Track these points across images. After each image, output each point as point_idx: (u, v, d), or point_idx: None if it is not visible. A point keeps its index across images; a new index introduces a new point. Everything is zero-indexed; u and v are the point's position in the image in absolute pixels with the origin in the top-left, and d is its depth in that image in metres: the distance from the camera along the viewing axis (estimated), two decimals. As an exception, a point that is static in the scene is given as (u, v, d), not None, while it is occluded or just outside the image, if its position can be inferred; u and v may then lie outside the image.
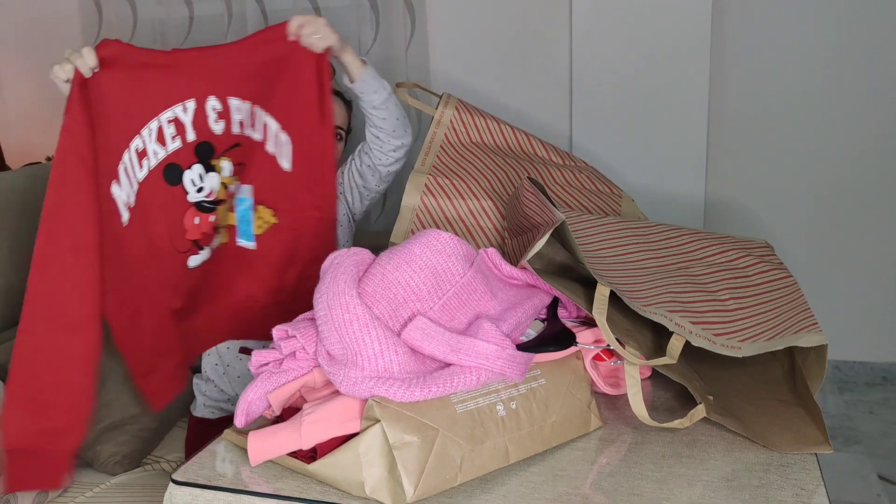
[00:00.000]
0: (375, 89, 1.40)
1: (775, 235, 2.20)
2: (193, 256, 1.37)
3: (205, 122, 1.32)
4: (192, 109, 1.30)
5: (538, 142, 1.58)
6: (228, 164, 1.36)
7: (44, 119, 2.50)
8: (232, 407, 1.53)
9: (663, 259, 1.21)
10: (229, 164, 1.36)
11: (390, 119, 1.43)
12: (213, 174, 1.35)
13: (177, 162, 1.32)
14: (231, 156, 1.36)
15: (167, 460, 1.59)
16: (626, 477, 0.90)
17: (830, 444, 0.95)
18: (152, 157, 1.30)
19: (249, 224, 1.37)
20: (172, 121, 1.30)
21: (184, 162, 1.33)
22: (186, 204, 1.34)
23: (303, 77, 1.32)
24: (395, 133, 1.44)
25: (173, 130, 1.30)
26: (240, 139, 1.36)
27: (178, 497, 0.91)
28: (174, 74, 1.28)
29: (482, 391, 0.91)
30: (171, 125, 1.30)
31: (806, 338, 1.04)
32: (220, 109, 1.32)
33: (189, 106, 1.30)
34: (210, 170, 1.35)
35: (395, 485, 0.84)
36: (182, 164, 1.33)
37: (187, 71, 1.29)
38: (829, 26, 2.11)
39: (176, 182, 1.33)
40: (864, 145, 2.17)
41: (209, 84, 1.31)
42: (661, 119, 2.08)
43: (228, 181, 1.37)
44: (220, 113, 1.33)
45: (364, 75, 1.38)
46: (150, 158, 1.29)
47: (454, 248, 0.98)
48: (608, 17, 2.05)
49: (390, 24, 2.18)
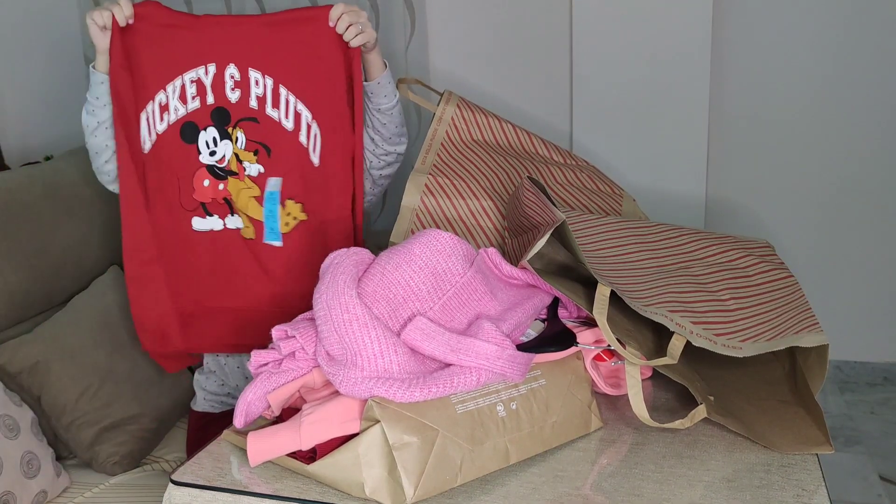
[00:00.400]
0: (387, 93, 1.40)
1: (776, 235, 2.20)
2: (199, 218, 1.39)
3: (222, 89, 1.36)
4: (212, 73, 1.35)
5: (539, 140, 1.57)
6: (242, 135, 1.37)
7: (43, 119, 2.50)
8: (233, 401, 1.53)
9: (664, 259, 1.21)
10: (242, 135, 1.37)
11: (391, 126, 1.43)
12: (227, 142, 1.37)
13: (194, 121, 1.37)
14: (244, 128, 1.37)
15: (166, 460, 1.58)
16: (627, 477, 0.90)
17: (831, 444, 0.95)
18: (172, 113, 1.36)
19: (276, 221, 1.38)
20: (195, 81, 1.35)
21: (200, 122, 1.37)
22: (198, 164, 1.37)
23: (337, 68, 1.34)
24: (391, 140, 1.45)
25: (194, 91, 1.36)
26: (257, 115, 1.37)
27: (178, 497, 0.91)
28: (201, 37, 1.34)
29: (482, 391, 0.91)
30: (192, 85, 1.35)
31: (807, 338, 1.04)
32: (237, 79, 1.35)
33: (210, 69, 1.35)
34: (225, 136, 1.37)
35: (394, 485, 0.83)
36: (199, 124, 1.37)
37: (213, 35, 1.35)
38: (830, 26, 2.11)
39: (191, 140, 1.37)
40: (864, 145, 2.17)
41: (231, 51, 1.35)
42: (661, 118, 2.08)
43: (242, 155, 1.38)
44: (238, 82, 1.35)
45: (382, 77, 1.39)
46: (170, 113, 1.36)
47: (454, 247, 0.98)
48: (609, 16, 2.05)
49: (390, 23, 2.18)
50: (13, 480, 1.29)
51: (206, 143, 1.37)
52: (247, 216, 1.39)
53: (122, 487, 1.46)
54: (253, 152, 1.38)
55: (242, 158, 1.38)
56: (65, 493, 1.42)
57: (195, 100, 1.36)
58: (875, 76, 2.12)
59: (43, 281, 1.58)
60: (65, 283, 1.65)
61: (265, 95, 1.36)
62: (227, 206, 1.39)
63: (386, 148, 1.45)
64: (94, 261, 1.71)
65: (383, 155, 1.46)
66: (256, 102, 1.36)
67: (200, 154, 1.37)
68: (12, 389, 1.45)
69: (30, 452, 1.35)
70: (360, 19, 1.31)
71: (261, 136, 1.38)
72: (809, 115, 2.17)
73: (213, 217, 1.39)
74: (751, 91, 2.19)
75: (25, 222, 1.56)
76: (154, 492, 1.43)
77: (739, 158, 2.24)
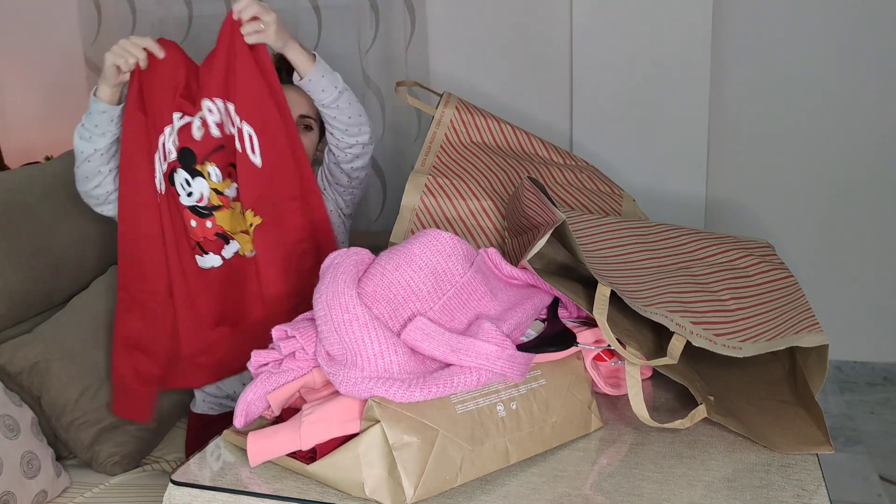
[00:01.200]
0: (323, 87, 1.36)
1: (776, 235, 2.20)
2: (199, 257, 1.39)
3: (188, 130, 1.34)
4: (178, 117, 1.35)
5: (539, 141, 1.57)
6: (215, 170, 1.36)
7: (43, 119, 2.50)
8: (231, 403, 1.53)
9: (664, 259, 1.21)
10: (215, 169, 1.36)
11: (341, 118, 1.39)
12: (200, 179, 1.36)
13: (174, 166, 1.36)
14: (216, 160, 1.36)
15: (166, 460, 1.58)
16: (627, 478, 0.90)
17: (831, 444, 0.95)
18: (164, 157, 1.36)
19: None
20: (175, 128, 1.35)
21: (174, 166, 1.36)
22: (181, 205, 1.37)
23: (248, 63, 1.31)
24: (347, 132, 1.41)
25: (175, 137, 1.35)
26: (222, 141, 1.36)
27: (178, 497, 0.91)
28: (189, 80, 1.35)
29: (482, 391, 0.91)
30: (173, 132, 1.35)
31: (807, 338, 1.04)
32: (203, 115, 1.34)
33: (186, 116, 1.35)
34: (196, 175, 1.36)
35: (394, 485, 0.83)
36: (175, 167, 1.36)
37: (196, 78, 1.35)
38: (830, 27, 2.11)
39: (172, 183, 1.37)
40: (864, 145, 2.17)
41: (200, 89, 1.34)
42: (661, 119, 2.08)
43: (221, 186, 1.37)
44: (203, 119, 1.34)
45: (311, 73, 1.35)
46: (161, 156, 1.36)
47: (454, 247, 0.98)
48: (609, 16, 2.05)
49: (390, 24, 2.18)
50: (13, 480, 1.29)
51: (181, 185, 1.36)
52: (243, 233, 1.38)
53: (122, 487, 1.46)
54: (228, 176, 1.37)
55: (222, 189, 1.37)
56: (65, 493, 1.42)
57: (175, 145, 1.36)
58: (875, 76, 2.12)
59: (43, 281, 1.58)
60: (65, 283, 1.65)
61: (222, 119, 1.34)
62: (221, 240, 1.39)
63: (347, 140, 1.43)
64: (94, 261, 1.71)
65: (347, 148, 1.44)
66: (217, 129, 1.35)
67: (180, 196, 1.37)
68: (12, 389, 1.45)
69: (30, 452, 1.35)
70: (265, 17, 1.28)
71: (229, 158, 1.36)
72: (809, 115, 2.18)
73: (209, 255, 1.39)
74: (751, 92, 2.19)
75: (25, 222, 1.56)
76: (154, 492, 1.43)
77: (739, 158, 2.24)
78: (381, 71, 2.20)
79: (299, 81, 1.37)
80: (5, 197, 1.56)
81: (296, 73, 1.37)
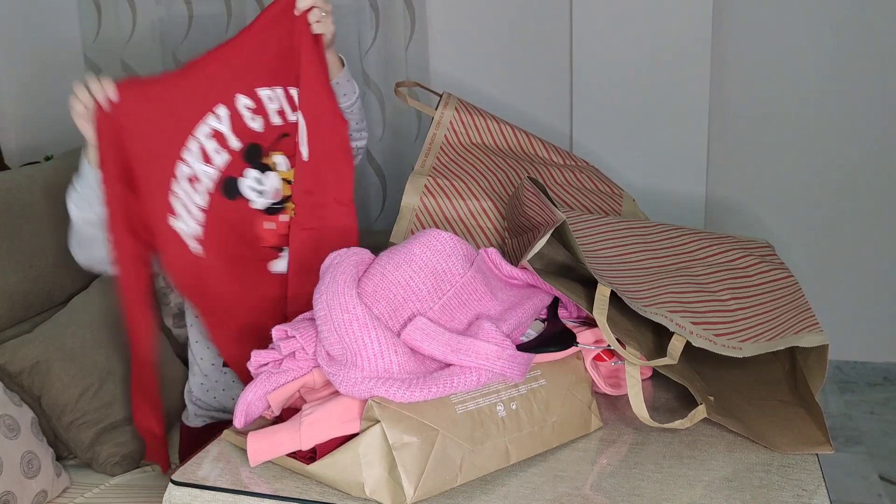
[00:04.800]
0: (346, 92, 1.36)
1: (776, 235, 2.19)
2: (275, 261, 1.30)
3: (242, 124, 1.26)
4: (225, 116, 1.25)
5: (539, 141, 1.57)
6: (283, 159, 1.29)
7: (43, 119, 2.50)
8: (223, 415, 1.52)
9: (664, 259, 1.21)
10: (283, 158, 1.29)
11: (351, 122, 1.39)
12: (271, 173, 1.29)
13: (231, 175, 1.26)
14: (282, 148, 1.29)
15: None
16: (627, 477, 0.90)
17: (831, 444, 0.95)
18: (205, 179, 1.24)
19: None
20: (212, 135, 1.24)
21: (236, 172, 1.27)
22: (252, 212, 1.28)
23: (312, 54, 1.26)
24: (351, 136, 1.40)
25: (215, 144, 1.25)
26: (286, 128, 1.29)
27: (178, 497, 0.91)
28: (195, 87, 1.23)
29: (482, 391, 0.91)
30: (211, 140, 1.24)
31: (807, 338, 1.04)
32: (252, 106, 1.27)
33: (221, 113, 1.25)
34: (265, 169, 1.29)
35: (394, 485, 0.83)
36: (235, 174, 1.27)
37: (206, 78, 1.24)
38: (830, 26, 2.11)
39: (234, 195, 1.27)
40: (864, 145, 2.17)
41: (232, 83, 1.25)
42: (661, 119, 2.08)
43: (290, 175, 1.30)
44: (254, 109, 1.27)
45: (340, 77, 1.35)
46: (202, 182, 1.24)
47: (454, 247, 0.98)
48: (608, 16, 2.05)
49: (390, 24, 2.18)
50: (13, 480, 1.29)
51: (250, 189, 1.27)
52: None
53: (122, 488, 1.46)
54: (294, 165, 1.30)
55: (291, 178, 1.30)
56: (65, 494, 1.42)
57: (221, 153, 1.25)
58: (875, 76, 2.12)
59: (43, 281, 1.58)
60: (65, 283, 1.65)
61: (282, 106, 1.29)
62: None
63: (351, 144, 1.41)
64: (94, 261, 1.71)
65: None
66: (279, 118, 1.29)
67: (251, 202, 1.27)
68: (12, 389, 1.45)
69: (30, 452, 1.35)
70: (326, 7, 1.25)
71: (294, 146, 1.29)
72: (809, 115, 2.18)
73: (285, 249, 1.30)
74: (751, 91, 2.19)
75: (25, 222, 1.56)
76: (154, 492, 1.43)
77: (739, 158, 2.24)
78: (381, 71, 2.20)
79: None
80: (5, 197, 1.56)
81: None
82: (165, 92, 1.21)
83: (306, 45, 1.26)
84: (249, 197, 1.28)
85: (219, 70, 1.25)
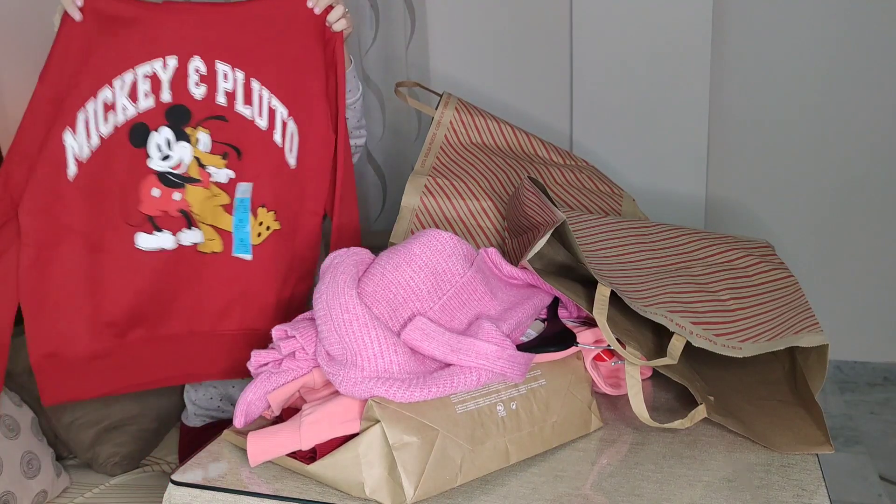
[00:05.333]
0: (350, 89, 1.35)
1: (775, 235, 2.20)
2: (145, 235, 1.20)
3: (184, 84, 1.20)
4: (172, 67, 1.19)
5: (539, 141, 1.57)
6: (206, 137, 1.22)
7: (43, 119, 2.50)
8: (222, 414, 1.52)
9: (664, 259, 1.21)
10: (207, 136, 1.22)
11: (352, 120, 1.38)
12: (185, 143, 1.21)
13: (145, 122, 1.20)
14: (210, 128, 1.22)
15: (166, 461, 1.58)
16: (627, 477, 0.90)
17: (832, 444, 0.95)
18: (119, 113, 1.18)
19: (247, 231, 1.24)
20: (149, 76, 1.19)
21: (152, 123, 1.20)
22: (146, 170, 1.20)
23: (315, 56, 1.23)
24: (352, 134, 1.40)
25: (147, 87, 1.19)
26: (225, 112, 1.23)
27: (178, 497, 0.91)
28: (160, 26, 1.18)
29: (482, 391, 0.91)
30: (146, 80, 1.19)
31: (807, 338, 1.04)
32: (203, 72, 1.20)
33: (170, 63, 1.19)
34: (182, 138, 1.21)
35: (394, 485, 0.83)
36: (150, 124, 1.20)
37: (176, 24, 1.19)
38: (830, 26, 2.11)
39: (140, 144, 1.20)
40: (864, 145, 2.17)
41: (196, 42, 1.20)
42: (661, 119, 2.08)
43: (206, 159, 1.23)
44: (203, 76, 1.20)
45: (347, 73, 1.33)
46: (117, 114, 1.18)
47: (454, 247, 0.98)
48: (609, 16, 2.05)
49: (390, 24, 2.18)
50: (13, 480, 1.29)
51: (157, 147, 1.20)
52: (213, 228, 1.24)
53: (122, 488, 1.46)
54: (221, 155, 1.23)
55: (207, 163, 1.23)
56: (65, 494, 1.43)
57: (148, 97, 1.19)
58: (875, 76, 2.13)
59: (43, 281, 1.58)
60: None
61: (235, 91, 1.22)
62: (183, 218, 1.22)
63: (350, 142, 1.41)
64: (94, 261, 1.70)
65: None
66: (225, 98, 1.22)
67: (150, 158, 1.20)
68: (12, 389, 1.45)
69: (30, 452, 1.35)
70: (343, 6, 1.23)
71: (230, 137, 1.23)
72: (810, 115, 2.18)
73: (163, 233, 1.21)
74: (751, 91, 2.19)
75: (25, 222, 1.56)
76: (154, 493, 1.43)
77: (739, 158, 2.24)
78: (381, 71, 2.20)
79: None
80: (5, 197, 1.55)
81: None
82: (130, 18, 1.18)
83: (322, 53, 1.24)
84: (150, 153, 1.21)
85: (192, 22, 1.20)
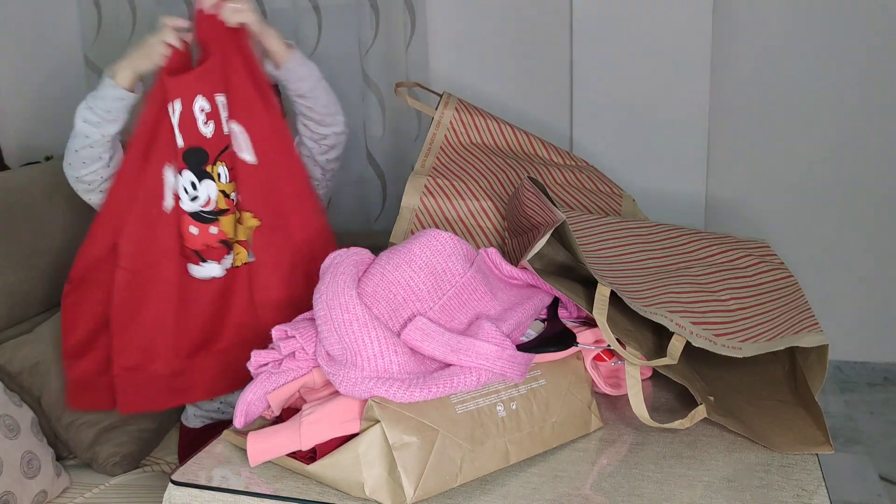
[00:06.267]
0: (302, 77, 1.33)
1: (776, 235, 2.19)
2: (194, 266, 1.29)
3: (193, 126, 1.24)
4: (178, 111, 1.23)
5: (538, 141, 1.57)
6: (224, 170, 1.27)
7: (43, 119, 2.50)
8: (221, 416, 1.52)
9: (664, 259, 1.21)
10: (224, 168, 1.27)
11: (317, 107, 1.36)
12: (209, 181, 1.26)
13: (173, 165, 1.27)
14: (225, 160, 1.27)
15: (166, 461, 1.58)
16: (627, 477, 0.90)
17: (832, 444, 0.95)
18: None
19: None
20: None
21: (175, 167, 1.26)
22: (181, 210, 1.27)
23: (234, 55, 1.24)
24: (323, 122, 1.38)
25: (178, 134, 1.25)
26: (228, 140, 1.28)
27: (178, 497, 0.91)
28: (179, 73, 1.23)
29: (482, 392, 0.91)
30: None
31: (807, 338, 1.04)
32: (208, 110, 1.24)
33: (176, 107, 1.23)
34: (204, 177, 1.26)
35: (394, 485, 0.83)
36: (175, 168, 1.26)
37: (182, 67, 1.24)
38: (831, 26, 2.11)
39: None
40: (864, 145, 2.17)
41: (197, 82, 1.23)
42: (661, 119, 2.08)
43: (228, 188, 1.28)
44: (209, 113, 1.24)
45: (290, 62, 1.31)
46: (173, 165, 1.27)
47: (454, 247, 0.98)
48: (609, 16, 2.05)
49: (390, 24, 2.18)
50: (13, 480, 1.29)
51: (184, 190, 1.25)
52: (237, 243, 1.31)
53: (122, 488, 1.46)
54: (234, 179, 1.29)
55: (230, 191, 1.28)
56: (65, 494, 1.42)
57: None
58: (875, 76, 2.12)
59: (43, 281, 1.58)
60: (65, 283, 1.65)
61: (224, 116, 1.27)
62: (224, 247, 1.29)
63: (321, 131, 1.39)
64: (94, 261, 1.70)
65: (321, 139, 1.41)
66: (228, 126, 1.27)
67: (181, 200, 1.26)
68: (12, 389, 1.45)
69: (30, 452, 1.35)
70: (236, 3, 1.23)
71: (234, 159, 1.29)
72: (809, 115, 2.18)
73: (209, 264, 1.29)
74: (751, 91, 2.19)
75: (25, 222, 1.56)
76: (154, 493, 1.43)
77: (739, 158, 2.24)
78: (381, 71, 2.20)
79: (275, 72, 1.33)
80: (5, 197, 1.55)
81: (269, 64, 1.33)
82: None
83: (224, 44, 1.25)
84: (181, 196, 1.27)
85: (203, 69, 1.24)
